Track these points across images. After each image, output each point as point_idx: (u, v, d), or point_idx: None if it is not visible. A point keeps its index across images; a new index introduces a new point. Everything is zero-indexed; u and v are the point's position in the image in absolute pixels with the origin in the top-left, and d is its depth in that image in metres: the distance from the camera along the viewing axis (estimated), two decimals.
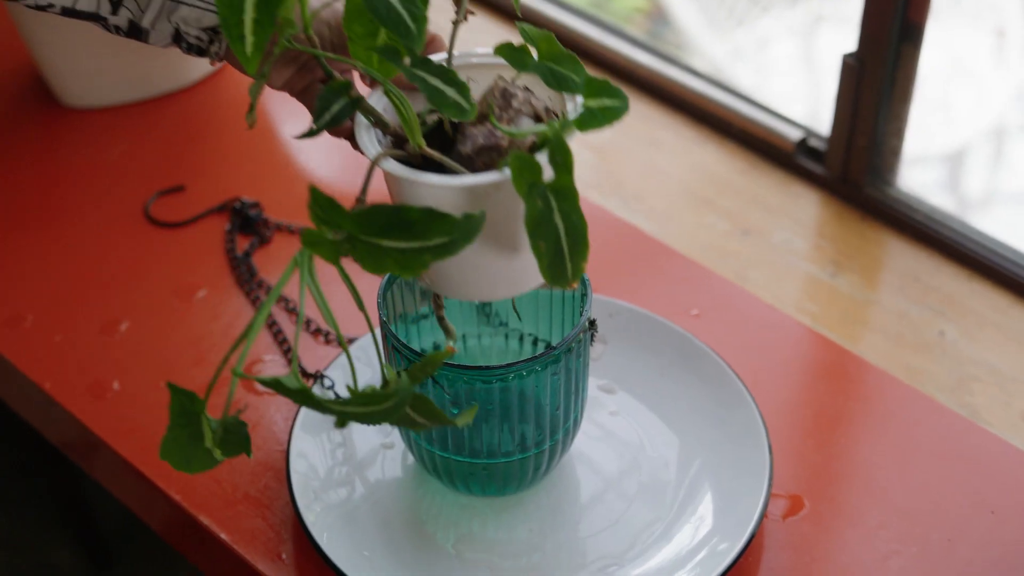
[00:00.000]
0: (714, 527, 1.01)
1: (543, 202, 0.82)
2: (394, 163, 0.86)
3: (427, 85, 0.82)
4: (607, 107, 0.86)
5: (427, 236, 0.76)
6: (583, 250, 0.83)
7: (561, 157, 0.82)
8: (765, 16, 2.74)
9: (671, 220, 1.35)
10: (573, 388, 0.99)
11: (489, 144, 0.88)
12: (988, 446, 1.10)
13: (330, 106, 0.85)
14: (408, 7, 0.80)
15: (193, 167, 1.36)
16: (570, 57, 0.88)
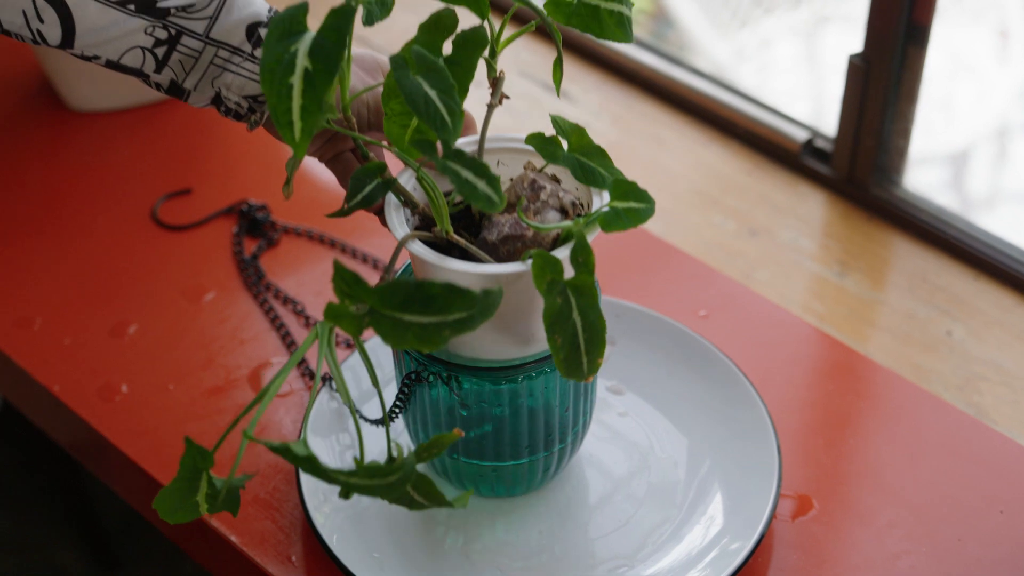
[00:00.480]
0: (724, 527, 1.02)
1: (563, 299, 0.85)
2: (420, 246, 0.89)
3: (459, 178, 0.83)
4: (633, 209, 0.89)
5: (447, 311, 0.78)
6: (600, 347, 0.86)
7: (583, 257, 0.85)
8: (768, 17, 2.75)
9: (678, 220, 1.35)
10: (582, 390, 0.99)
11: (514, 234, 0.91)
12: (996, 445, 1.10)
13: (363, 187, 0.89)
14: (446, 101, 0.82)
15: (200, 170, 1.37)
16: (599, 151, 0.92)
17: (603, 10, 0.91)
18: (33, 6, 0.90)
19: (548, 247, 0.90)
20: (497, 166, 0.98)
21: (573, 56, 1.54)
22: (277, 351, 1.19)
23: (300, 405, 1.14)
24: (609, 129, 1.45)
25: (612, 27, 0.91)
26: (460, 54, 0.88)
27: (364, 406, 1.11)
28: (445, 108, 0.82)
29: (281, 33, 0.78)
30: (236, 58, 0.94)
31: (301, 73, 0.77)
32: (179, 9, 0.92)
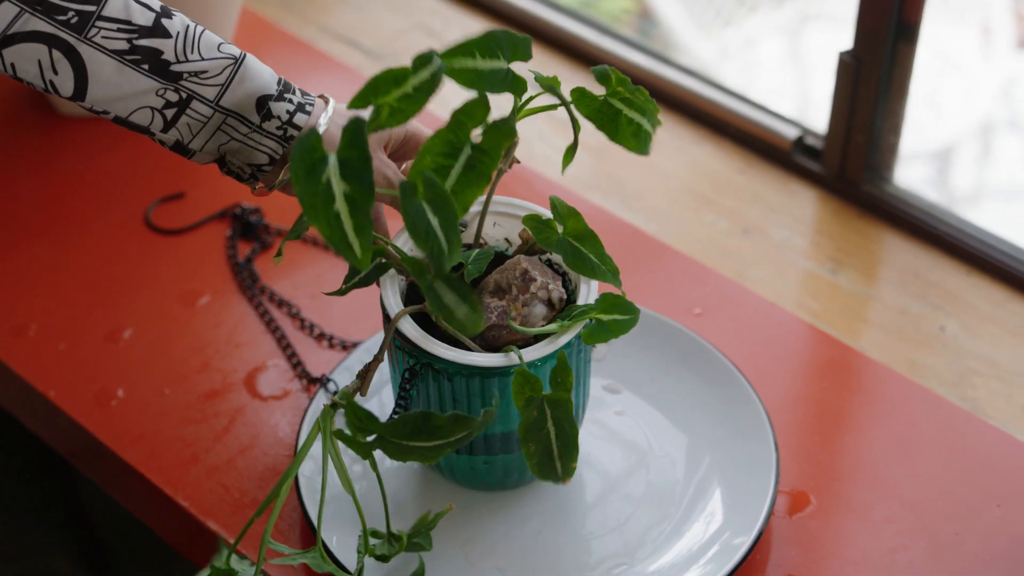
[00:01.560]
0: (724, 523, 1.02)
1: (538, 412, 0.90)
2: (410, 325, 0.94)
3: (439, 302, 0.86)
4: (617, 321, 0.94)
5: (449, 435, 0.88)
6: (572, 453, 0.90)
7: (562, 377, 0.90)
8: (752, 16, 2.75)
9: (671, 219, 1.35)
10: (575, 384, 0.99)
11: (501, 324, 0.95)
12: (992, 440, 1.11)
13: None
14: (447, 231, 0.84)
15: (191, 174, 1.37)
16: (592, 236, 0.95)
17: (624, 116, 0.93)
18: (49, 57, 0.91)
19: (531, 339, 0.95)
20: (493, 227, 1.02)
21: (561, 54, 1.54)
22: (272, 354, 1.19)
23: (296, 407, 1.14)
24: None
25: (627, 135, 0.93)
26: (489, 143, 0.89)
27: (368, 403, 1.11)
28: (445, 238, 0.83)
29: (307, 168, 0.79)
30: (244, 128, 0.96)
31: (342, 198, 0.79)
32: (192, 74, 0.94)
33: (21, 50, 0.91)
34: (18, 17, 0.89)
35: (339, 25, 1.58)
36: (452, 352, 0.93)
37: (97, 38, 0.91)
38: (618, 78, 0.93)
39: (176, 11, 0.95)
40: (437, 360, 0.93)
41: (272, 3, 1.61)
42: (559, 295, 0.96)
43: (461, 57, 0.86)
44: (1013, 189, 2.36)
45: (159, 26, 0.93)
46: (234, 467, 1.10)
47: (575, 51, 1.54)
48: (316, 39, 1.55)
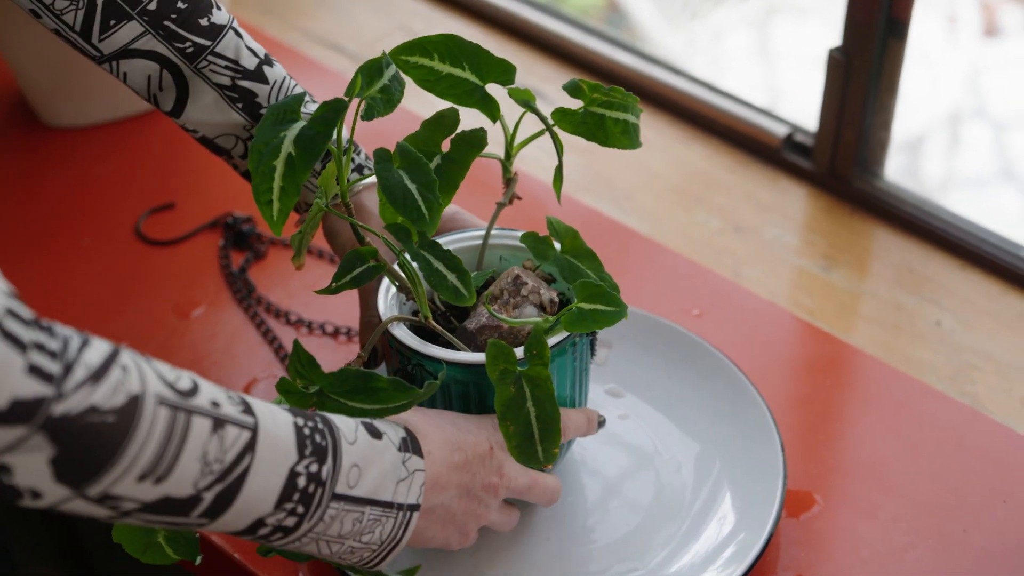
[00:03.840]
0: (736, 526, 1.02)
1: (516, 388, 0.88)
2: (401, 328, 0.94)
3: (429, 267, 0.88)
4: (600, 311, 0.92)
5: (389, 401, 0.87)
6: (554, 436, 0.90)
7: (537, 350, 0.88)
8: (719, 8, 2.76)
9: (663, 219, 1.35)
10: (568, 389, 0.99)
11: (491, 325, 0.94)
12: (995, 435, 1.11)
13: (353, 269, 0.92)
14: (424, 194, 0.86)
15: (181, 183, 1.35)
16: (590, 254, 0.96)
17: (608, 119, 0.94)
18: (159, 76, 0.99)
19: (523, 341, 0.93)
20: (499, 261, 1.02)
21: (547, 56, 1.54)
22: (270, 364, 1.18)
23: None
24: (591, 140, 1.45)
25: (617, 135, 0.95)
26: (457, 152, 0.93)
27: None
28: (423, 201, 0.86)
29: (275, 119, 0.84)
30: None
31: (284, 158, 0.83)
32: None
33: (136, 64, 0.98)
34: (141, 36, 0.97)
35: (321, 29, 1.57)
36: (443, 352, 0.92)
37: (206, 70, 0.99)
38: (590, 86, 0.94)
39: (276, 61, 1.01)
40: (429, 361, 0.92)
41: (254, 8, 1.60)
42: (550, 297, 0.96)
43: (415, 55, 0.91)
44: (982, 177, 2.37)
45: (260, 72, 1.00)
46: None
47: (558, 51, 1.54)
48: (299, 44, 1.54)
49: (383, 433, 0.85)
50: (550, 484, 0.96)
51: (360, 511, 0.83)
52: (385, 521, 0.85)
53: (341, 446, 0.82)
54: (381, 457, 0.84)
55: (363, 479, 0.83)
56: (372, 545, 0.85)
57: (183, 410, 0.73)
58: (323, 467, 0.80)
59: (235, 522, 0.78)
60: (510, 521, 0.96)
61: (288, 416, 0.80)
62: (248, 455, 0.76)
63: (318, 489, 0.80)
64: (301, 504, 0.80)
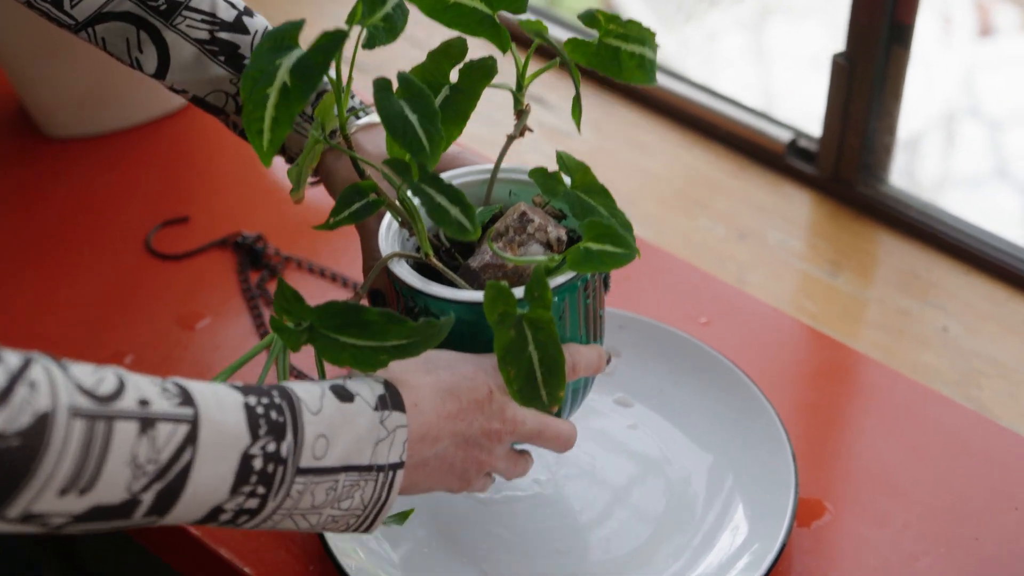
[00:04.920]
0: (749, 536, 1.02)
1: (516, 332, 0.85)
2: (402, 266, 0.90)
3: (431, 202, 0.84)
4: (609, 253, 0.87)
5: (383, 337, 0.82)
6: (558, 380, 0.86)
7: (538, 292, 0.84)
8: (713, 10, 2.76)
9: (666, 225, 1.35)
10: (581, 329, 0.94)
11: (495, 263, 0.90)
12: (1003, 440, 1.11)
13: (351, 203, 0.88)
14: (426, 126, 0.83)
15: (185, 194, 1.35)
16: (602, 190, 0.91)
17: (624, 52, 0.90)
18: (136, 37, 0.98)
19: (528, 280, 0.89)
20: (510, 196, 0.98)
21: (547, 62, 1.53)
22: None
23: None
24: (590, 135, 1.45)
25: (632, 69, 0.90)
26: (465, 82, 0.89)
27: None
28: (424, 133, 0.83)
29: (271, 46, 0.80)
30: (298, 117, 0.99)
31: (279, 86, 0.79)
32: None
33: (112, 28, 0.98)
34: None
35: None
36: (442, 290, 0.88)
37: (182, 26, 0.98)
38: (606, 17, 0.89)
39: (258, 13, 0.99)
40: (432, 301, 0.88)
41: None
42: (557, 235, 0.91)
43: None
44: (977, 177, 2.38)
45: (240, 22, 0.99)
46: None
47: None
48: None
49: (355, 395, 0.82)
50: (563, 429, 0.91)
51: (332, 480, 0.80)
52: (364, 485, 0.82)
53: (302, 418, 0.79)
54: (353, 421, 0.81)
55: (333, 448, 0.80)
56: (355, 510, 0.83)
57: (102, 418, 0.70)
58: (282, 444, 0.77)
59: (188, 514, 0.76)
60: (518, 468, 0.92)
61: (238, 397, 0.77)
62: (188, 449, 0.74)
63: (278, 467, 0.78)
64: (261, 485, 0.77)
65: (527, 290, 0.84)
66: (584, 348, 0.93)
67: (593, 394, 1.13)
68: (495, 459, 0.89)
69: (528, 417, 0.89)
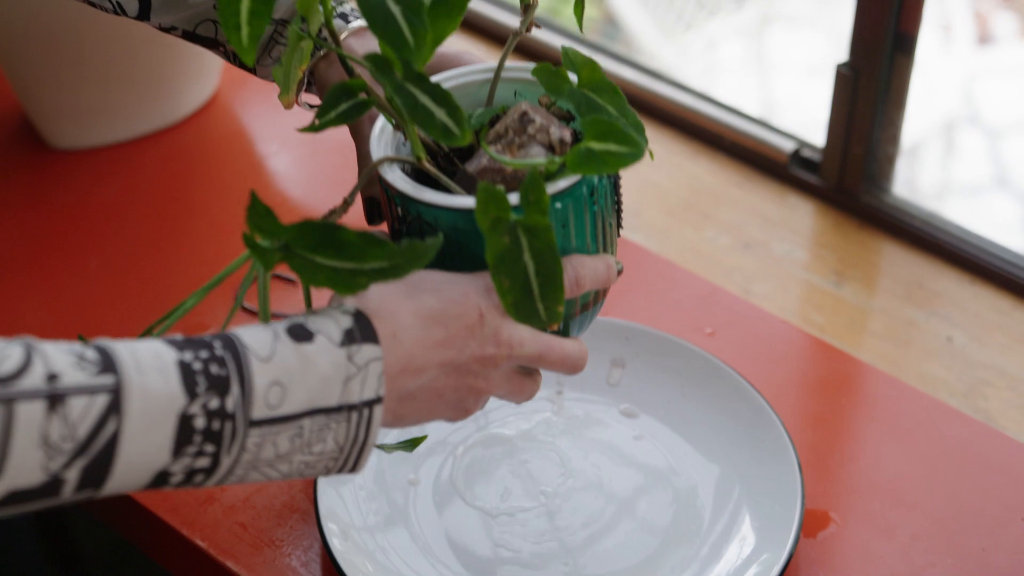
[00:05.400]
0: (756, 547, 1.01)
1: (511, 239, 0.78)
2: (393, 171, 0.84)
3: (414, 103, 0.78)
4: (612, 152, 0.80)
5: (362, 259, 0.77)
6: (556, 293, 0.80)
7: (534, 196, 0.78)
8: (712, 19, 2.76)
9: (671, 235, 1.35)
10: (588, 239, 0.87)
11: (492, 167, 0.84)
12: (1011, 451, 1.11)
13: (339, 104, 0.82)
14: (410, 18, 0.77)
15: (189, 204, 1.35)
16: (611, 88, 0.85)
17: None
18: None
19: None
20: (515, 97, 0.91)
21: None
22: None
23: None
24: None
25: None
26: None
27: None
28: (408, 25, 0.76)
29: None
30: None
31: None
32: None
33: None
34: None
35: None
36: (434, 195, 0.82)
37: None
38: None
39: None
40: (425, 208, 0.82)
41: None
42: (560, 136, 0.84)
43: None
44: (977, 185, 2.38)
45: None
46: (251, 505, 1.09)
47: None
48: None
49: (316, 333, 0.77)
50: (568, 349, 0.85)
51: (296, 426, 0.76)
52: (336, 427, 0.77)
53: (249, 368, 0.74)
54: (313, 362, 0.76)
55: (291, 394, 0.75)
56: (330, 453, 0.78)
57: (1, 401, 0.67)
58: (227, 398, 0.73)
59: (128, 483, 0.73)
60: (525, 391, 0.86)
61: (172, 355, 0.73)
62: (112, 420, 0.70)
63: (226, 423, 0.73)
64: (209, 443, 0.73)
65: (521, 193, 0.78)
66: (589, 259, 0.86)
67: (599, 405, 1.13)
68: (493, 385, 0.84)
69: (528, 339, 0.83)
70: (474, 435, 1.11)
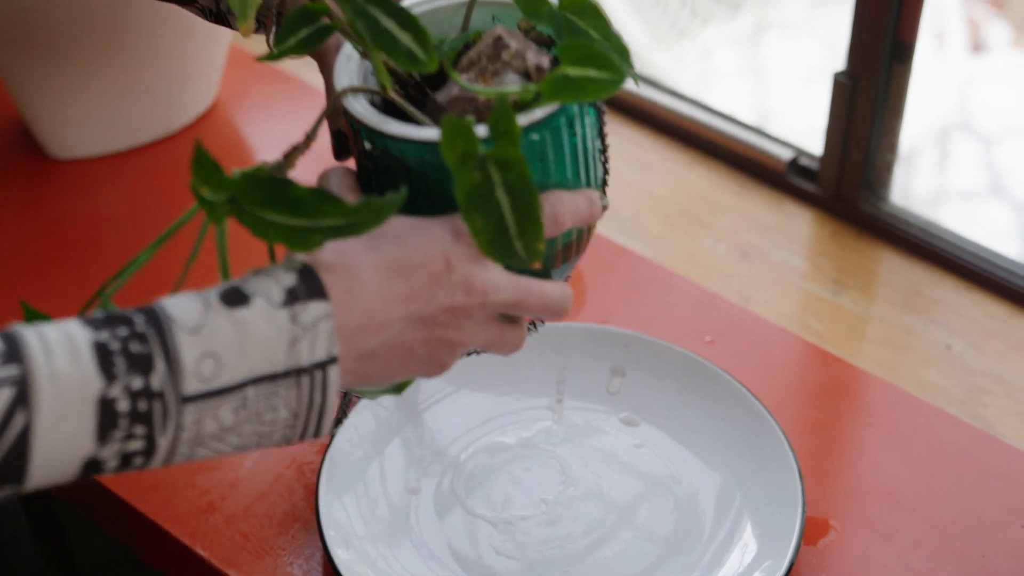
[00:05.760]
0: (758, 555, 1.02)
1: (481, 174, 0.73)
2: (358, 101, 0.78)
3: (376, 27, 0.74)
4: (591, 79, 0.74)
5: (316, 217, 0.72)
6: (535, 228, 0.74)
7: (504, 126, 0.72)
8: (706, 27, 2.77)
9: (669, 244, 1.35)
10: (569, 173, 0.81)
11: (463, 96, 0.78)
12: (1010, 458, 1.11)
13: (298, 30, 0.77)
14: None
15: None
16: (594, 10, 0.79)
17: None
18: None
19: None
20: (492, 21, 0.85)
21: None
22: None
23: (313, 455, 1.12)
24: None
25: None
26: None
27: None
28: None
29: None
30: None
31: None
32: None
33: None
34: None
35: None
36: (404, 128, 0.76)
37: None
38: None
39: None
40: (392, 142, 0.77)
41: (258, 40, 1.60)
42: (537, 63, 0.79)
43: None
44: (971, 192, 2.39)
45: None
46: (252, 515, 1.09)
47: None
48: (301, 71, 1.54)
49: (252, 295, 0.71)
50: (551, 292, 0.79)
51: (238, 397, 0.71)
52: (286, 393, 0.72)
53: (175, 342, 0.69)
54: (249, 329, 0.71)
55: (226, 365, 0.70)
56: (285, 421, 0.73)
57: None
58: (151, 377, 0.69)
59: (55, 474, 0.69)
60: (508, 340, 0.80)
61: (86, 336, 0.69)
62: (20, 412, 0.66)
63: (154, 402, 0.69)
64: (139, 425, 0.69)
65: (490, 124, 0.72)
66: (569, 194, 0.79)
67: (599, 413, 1.13)
68: (468, 336, 0.78)
69: (503, 284, 0.77)
70: (475, 444, 1.11)
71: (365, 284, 0.73)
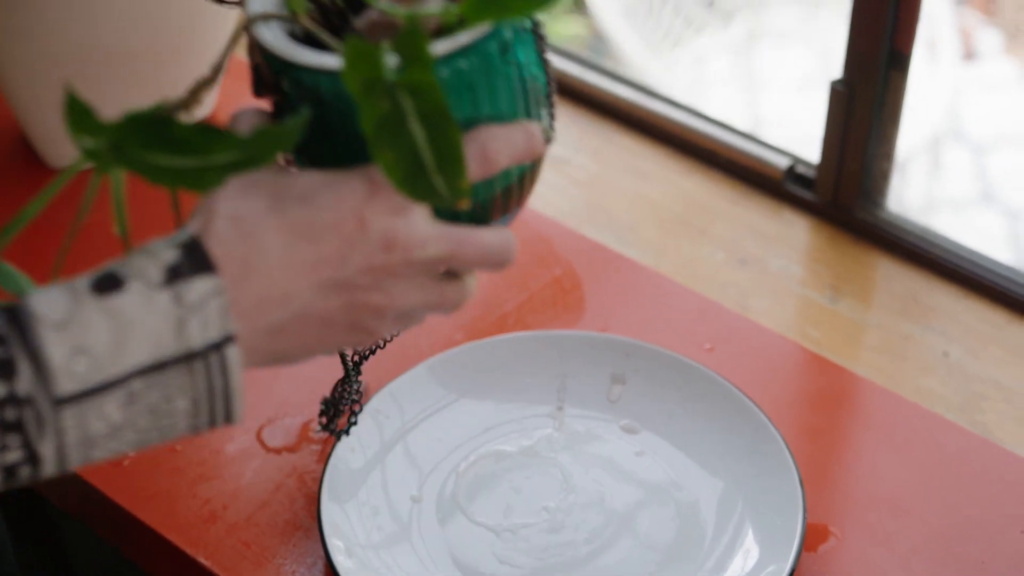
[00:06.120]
0: (759, 561, 1.02)
1: (390, 102, 0.65)
2: (271, 29, 0.71)
3: None
4: None
5: (207, 155, 0.66)
6: (455, 162, 0.66)
7: (413, 49, 0.64)
8: (699, 36, 2.78)
9: (666, 251, 1.35)
10: (505, 106, 0.73)
11: (382, 21, 0.71)
12: (1008, 464, 1.12)
13: None
14: None
15: None
16: None
17: None
18: None
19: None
20: None
21: None
22: (284, 403, 1.18)
23: (314, 460, 1.13)
24: (589, 163, 1.45)
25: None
26: None
27: None
28: None
29: None
30: None
31: None
32: None
33: None
34: None
35: None
36: (313, 56, 0.69)
37: None
38: None
39: None
40: (305, 73, 0.70)
41: None
42: None
43: None
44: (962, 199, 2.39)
45: None
46: (254, 523, 1.09)
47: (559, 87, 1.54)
48: None
49: (126, 279, 0.66)
50: (488, 240, 0.71)
51: (123, 392, 0.65)
52: (179, 380, 0.66)
53: (38, 340, 0.64)
54: (124, 317, 0.65)
55: (101, 360, 0.64)
56: (186, 410, 0.67)
57: None
58: (16, 382, 0.63)
59: None
60: (448, 297, 0.73)
61: None
62: None
63: (24, 409, 0.63)
64: (12, 435, 0.63)
65: (397, 46, 0.64)
66: (501, 128, 0.71)
67: (600, 421, 1.14)
68: (397, 298, 0.71)
69: (430, 236, 0.69)
70: (476, 452, 1.12)
71: (265, 252, 0.67)
